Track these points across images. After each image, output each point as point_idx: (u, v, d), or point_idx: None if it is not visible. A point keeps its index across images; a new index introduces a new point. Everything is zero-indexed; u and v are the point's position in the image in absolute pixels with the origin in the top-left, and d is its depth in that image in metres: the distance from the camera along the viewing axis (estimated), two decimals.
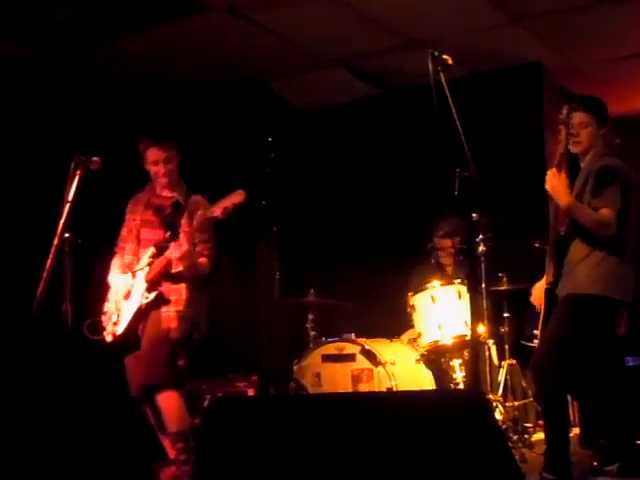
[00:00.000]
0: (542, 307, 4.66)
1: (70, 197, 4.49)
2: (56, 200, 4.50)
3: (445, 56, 3.99)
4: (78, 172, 4.52)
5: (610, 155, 4.61)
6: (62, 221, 4.46)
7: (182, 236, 4.93)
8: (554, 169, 4.49)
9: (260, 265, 7.62)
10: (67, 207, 4.47)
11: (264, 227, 6.68)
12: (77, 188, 4.51)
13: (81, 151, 4.63)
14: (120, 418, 5.03)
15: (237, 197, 4.91)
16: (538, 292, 4.81)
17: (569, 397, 5.42)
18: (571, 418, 5.83)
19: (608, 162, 4.53)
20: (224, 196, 4.93)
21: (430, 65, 3.94)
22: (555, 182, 4.45)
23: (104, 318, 5.09)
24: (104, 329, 5.06)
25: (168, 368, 4.88)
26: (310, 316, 6.32)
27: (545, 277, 4.65)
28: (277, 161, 6.59)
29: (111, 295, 5.16)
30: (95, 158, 4.60)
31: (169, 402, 4.83)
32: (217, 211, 4.89)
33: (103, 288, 5.22)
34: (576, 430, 5.66)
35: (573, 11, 6.48)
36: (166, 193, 5.26)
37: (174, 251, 4.90)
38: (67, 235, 4.48)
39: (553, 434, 4.45)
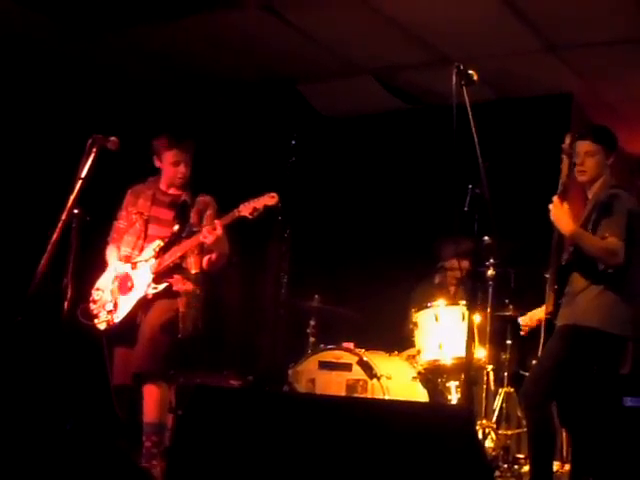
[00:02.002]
0: (541, 336, 4.61)
1: (83, 174, 4.50)
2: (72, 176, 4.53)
3: (471, 71, 3.96)
4: (94, 149, 4.53)
5: (617, 187, 4.56)
6: (72, 197, 4.47)
7: (216, 221, 4.91)
8: (557, 198, 4.44)
9: (270, 266, 7.61)
10: (79, 183, 4.49)
11: (278, 229, 6.67)
12: (91, 165, 4.51)
13: (101, 131, 4.64)
14: (104, 401, 4.99)
15: (270, 200, 4.92)
16: (530, 317, 4.77)
17: (564, 431, 5.39)
18: (564, 454, 5.79)
19: (615, 193, 4.48)
20: (255, 196, 4.93)
21: (454, 78, 3.91)
22: (558, 211, 4.41)
23: (94, 306, 5.04)
24: (95, 317, 5.01)
25: (165, 359, 4.86)
26: (312, 322, 6.28)
27: (545, 306, 4.60)
28: (297, 165, 6.58)
29: (104, 283, 5.11)
30: (113, 138, 4.61)
31: (156, 393, 4.79)
32: (245, 211, 4.89)
33: (98, 273, 5.19)
34: (567, 467, 5.61)
35: (609, 45, 6.46)
36: (173, 191, 5.24)
37: (208, 235, 4.88)
38: (76, 211, 4.49)
39: (537, 465, 4.41)
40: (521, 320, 4.97)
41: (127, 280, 5.03)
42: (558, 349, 4.42)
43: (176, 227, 5.08)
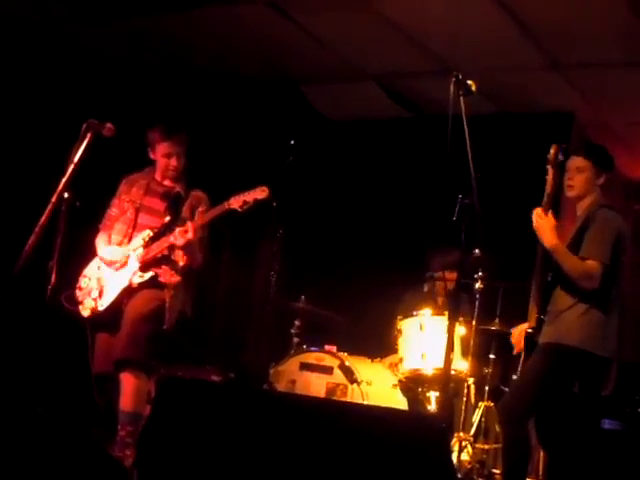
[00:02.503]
0: (522, 352, 4.60)
1: (76, 158, 4.47)
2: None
3: (470, 82, 3.95)
4: (89, 134, 4.50)
5: (607, 207, 4.54)
6: (64, 180, 4.45)
7: (189, 224, 4.90)
8: (540, 209, 4.43)
9: (260, 265, 7.61)
10: (71, 167, 4.46)
11: (271, 228, 6.66)
12: (85, 151, 4.49)
13: (98, 117, 4.62)
14: (83, 387, 4.98)
15: (260, 193, 4.91)
16: (518, 334, 4.76)
17: (541, 449, 5.38)
18: (540, 472, 5.77)
19: (604, 214, 4.46)
20: (245, 190, 4.91)
21: (452, 87, 3.90)
22: (541, 221, 4.40)
23: (79, 292, 5.04)
24: (80, 303, 5.00)
25: (147, 348, 4.84)
26: (297, 322, 6.26)
27: (528, 322, 4.58)
28: (295, 165, 6.57)
29: (91, 270, 5.11)
30: (109, 124, 4.58)
31: (134, 382, 4.76)
32: (235, 203, 4.88)
33: (86, 260, 5.18)
34: None
35: (615, 67, 6.45)
36: (167, 183, 5.24)
37: (179, 237, 4.88)
38: (66, 195, 4.46)
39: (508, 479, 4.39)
40: (512, 339, 4.94)
41: (115, 266, 5.03)
42: (540, 367, 4.40)
43: (167, 218, 5.07)
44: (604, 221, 4.43)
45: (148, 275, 4.96)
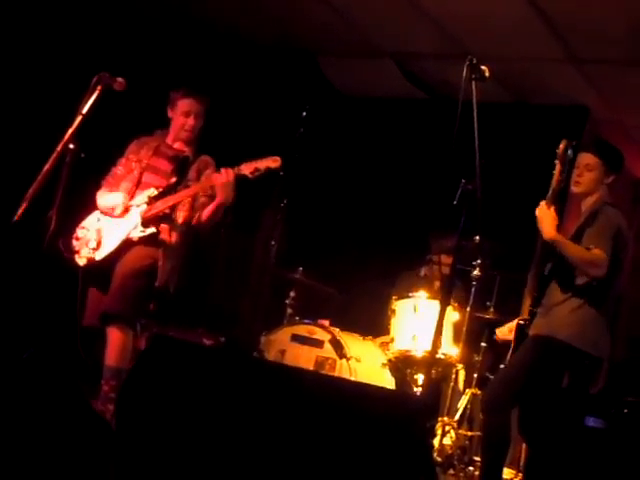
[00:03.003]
0: (512, 342, 4.60)
1: (85, 110, 4.46)
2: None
3: (483, 67, 3.92)
4: (99, 87, 4.49)
5: (611, 205, 4.52)
6: (70, 131, 4.44)
7: (229, 169, 4.89)
8: (545, 202, 4.42)
9: (261, 233, 7.61)
10: (79, 119, 4.45)
11: (275, 198, 6.66)
12: (94, 103, 4.48)
13: (111, 71, 4.60)
14: (71, 337, 5.00)
15: (273, 162, 4.90)
16: (509, 327, 4.77)
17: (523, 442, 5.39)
18: (521, 463, 5.79)
19: (607, 208, 4.45)
20: (257, 158, 4.91)
21: (465, 71, 3.87)
22: (543, 214, 4.39)
23: (76, 242, 5.03)
24: (77, 252, 5.00)
25: (136, 304, 4.84)
26: (292, 293, 6.28)
27: (521, 313, 4.58)
28: (305, 136, 6.55)
29: (90, 222, 5.10)
30: (120, 79, 4.57)
31: (120, 337, 4.77)
32: (246, 169, 4.88)
33: (85, 212, 5.18)
34: (520, 476, 5.63)
35: (635, 66, 6.40)
36: (178, 146, 5.23)
37: (219, 178, 4.88)
38: (72, 146, 4.45)
39: (486, 469, 4.41)
40: (498, 332, 4.96)
41: (115, 220, 5.04)
42: (527, 358, 4.41)
43: (173, 179, 5.08)
44: (606, 217, 4.43)
45: (149, 231, 4.96)
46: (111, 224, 5.07)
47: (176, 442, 2.97)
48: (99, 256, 4.97)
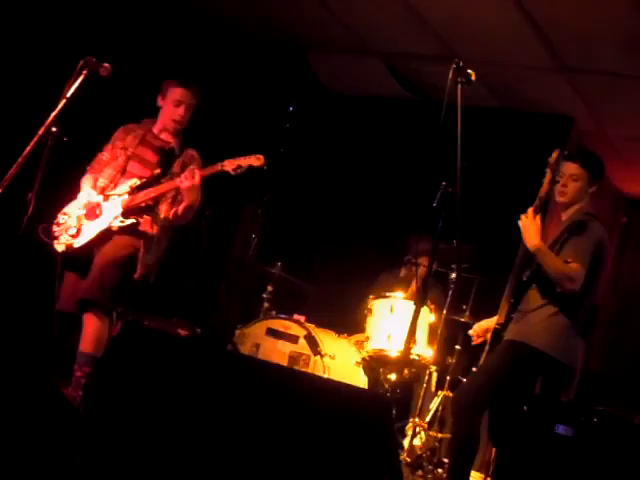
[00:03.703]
0: (486, 345, 4.62)
1: (69, 94, 4.46)
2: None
3: (470, 71, 3.93)
4: (84, 72, 4.49)
5: (592, 216, 4.54)
6: (53, 114, 4.43)
7: (197, 171, 4.90)
8: (532, 210, 4.43)
9: (243, 226, 7.62)
10: (63, 102, 4.45)
11: (258, 191, 6.67)
12: (79, 87, 4.47)
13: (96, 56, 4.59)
14: (44, 322, 4.99)
15: (256, 161, 4.90)
16: (480, 327, 4.78)
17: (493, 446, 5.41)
18: (491, 468, 5.81)
19: (589, 224, 4.47)
20: (241, 155, 4.91)
21: (451, 74, 3.88)
22: (528, 223, 4.39)
23: (57, 228, 5.01)
24: (56, 238, 4.98)
25: (113, 293, 4.82)
26: (269, 287, 6.27)
27: (497, 317, 4.60)
28: (290, 132, 6.56)
29: (72, 209, 5.08)
30: (106, 64, 4.57)
31: (96, 324, 4.76)
32: (229, 166, 4.88)
33: (68, 198, 5.15)
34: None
35: (621, 78, 6.43)
36: (164, 137, 5.22)
37: (185, 181, 4.88)
38: (54, 129, 4.45)
39: (453, 472, 4.42)
40: (471, 332, 4.98)
41: (96, 209, 5.01)
42: (500, 363, 4.43)
43: (157, 171, 5.07)
44: (588, 230, 4.43)
45: (129, 221, 4.95)
46: None
47: (142, 430, 2.97)
48: (78, 244, 4.95)
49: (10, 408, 3.17)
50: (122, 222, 4.95)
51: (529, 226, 4.38)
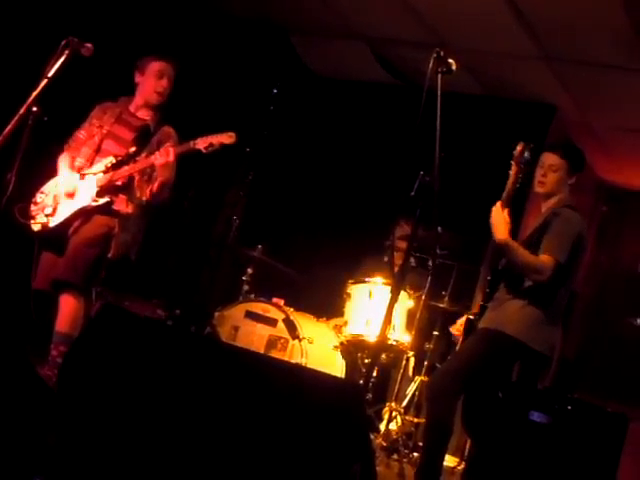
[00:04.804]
0: (461, 336, 4.65)
1: (50, 73, 4.44)
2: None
3: (451, 60, 3.93)
4: (66, 52, 4.47)
5: (571, 207, 4.57)
6: (34, 94, 4.41)
7: (171, 149, 4.90)
8: (500, 203, 4.45)
9: (225, 208, 7.61)
10: (44, 82, 4.43)
11: (241, 173, 6.66)
12: (60, 67, 4.45)
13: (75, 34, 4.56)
14: (21, 301, 4.99)
15: (227, 138, 4.89)
16: (460, 323, 4.82)
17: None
18: (465, 452, 5.87)
19: (567, 214, 4.49)
20: (213, 133, 4.90)
21: (431, 63, 3.88)
22: (496, 216, 4.41)
23: (34, 207, 5.01)
24: (32, 217, 4.98)
25: (88, 272, 4.82)
26: (250, 270, 6.28)
27: (472, 308, 4.63)
28: (274, 114, 6.54)
29: (49, 188, 5.07)
30: (88, 44, 4.55)
31: (72, 303, 4.77)
32: (201, 144, 4.88)
33: (46, 177, 5.14)
34: (463, 464, 5.71)
35: (604, 68, 6.45)
36: (141, 114, 5.20)
37: (159, 158, 4.88)
38: (35, 109, 4.43)
39: (427, 456, 4.46)
40: (452, 330, 5.00)
41: (72, 188, 5.00)
42: (474, 350, 4.46)
43: (133, 149, 5.06)
44: (567, 221, 4.46)
45: (102, 200, 4.95)
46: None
47: (116, 411, 2.99)
48: (53, 223, 4.96)
49: None
50: (95, 201, 4.95)
51: (498, 220, 4.39)
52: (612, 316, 8.67)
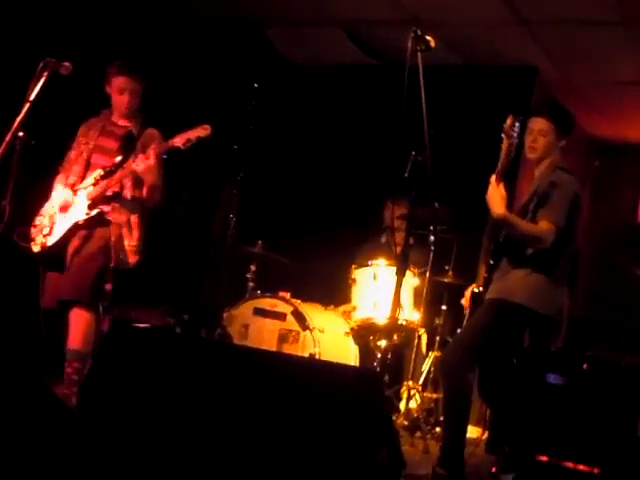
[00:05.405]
0: (468, 309, 4.67)
1: (32, 97, 4.45)
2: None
3: (428, 37, 3.93)
4: (45, 73, 4.48)
5: (565, 170, 4.57)
6: (19, 119, 4.42)
7: (150, 151, 4.92)
8: (494, 178, 4.45)
9: (220, 208, 7.60)
10: (27, 106, 4.44)
11: (231, 171, 6.65)
12: (41, 89, 4.46)
13: (53, 54, 4.57)
14: (29, 324, 5.02)
15: (203, 131, 4.92)
16: (469, 293, 4.84)
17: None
18: (486, 421, 5.89)
19: (562, 178, 4.50)
20: (189, 128, 4.92)
21: (410, 43, 3.88)
22: (492, 191, 4.40)
23: (34, 230, 5.08)
24: (32, 240, 5.04)
25: (92, 287, 4.86)
26: (252, 267, 6.29)
27: (476, 282, 4.65)
28: (258, 108, 6.53)
29: (46, 209, 5.15)
30: (66, 63, 4.56)
31: (81, 320, 4.82)
32: (179, 141, 4.90)
33: (43, 200, 5.18)
34: (486, 434, 5.73)
35: (582, 25, 6.43)
36: (122, 122, 5.26)
37: (140, 164, 4.91)
38: (21, 134, 4.45)
39: (449, 431, 4.48)
40: (462, 301, 5.02)
41: (66, 205, 5.08)
42: (482, 321, 4.48)
43: (118, 158, 5.08)
44: (562, 185, 4.45)
45: (94, 212, 5.00)
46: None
47: (139, 426, 3.01)
48: (51, 241, 5.04)
49: (4, 414, 3.19)
50: (87, 214, 5.01)
51: (493, 195, 4.38)
52: (616, 269, 8.69)
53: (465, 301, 4.87)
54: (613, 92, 7.65)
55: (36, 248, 5.03)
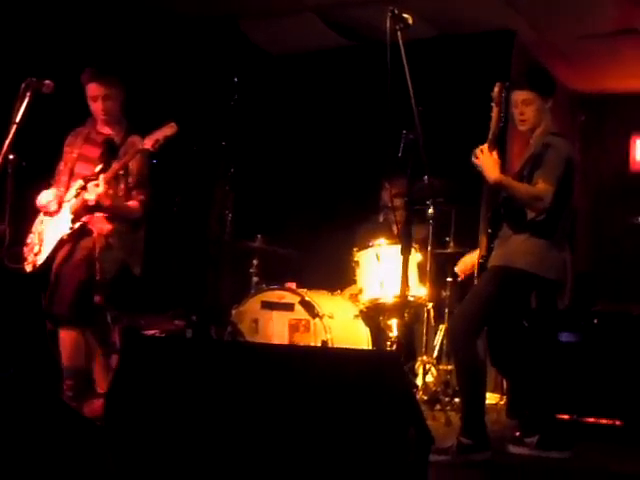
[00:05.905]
0: (475, 278, 4.68)
1: (18, 119, 4.47)
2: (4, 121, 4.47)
3: (406, 15, 3.94)
4: (28, 94, 4.49)
5: (557, 134, 4.60)
6: (7, 142, 4.44)
7: (101, 177, 4.87)
8: (486, 146, 4.47)
9: (215, 206, 7.60)
10: (14, 128, 4.46)
11: (222, 168, 6.65)
12: (26, 110, 4.48)
13: (33, 73, 4.57)
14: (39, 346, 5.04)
15: (168, 130, 4.90)
16: (464, 262, 4.86)
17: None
18: (504, 387, 5.93)
19: (555, 142, 4.52)
20: (156, 129, 4.91)
21: (388, 23, 3.88)
22: (485, 159, 4.42)
23: (26, 249, 5.05)
24: (25, 260, 5.01)
25: (74, 300, 4.81)
26: (255, 261, 6.30)
27: (478, 250, 4.66)
28: (241, 102, 6.52)
29: (35, 227, 5.11)
30: (47, 81, 4.58)
31: (68, 336, 4.86)
32: (148, 143, 4.87)
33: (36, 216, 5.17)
34: (504, 399, 5.77)
35: None
36: (106, 130, 5.20)
37: (90, 192, 4.87)
38: (11, 157, 4.47)
39: (467, 401, 4.50)
40: (456, 269, 5.05)
41: (53, 220, 5.04)
42: (485, 289, 4.50)
43: (98, 167, 5.03)
44: (555, 149, 4.48)
45: (77, 225, 4.96)
46: (50, 225, 5.07)
47: (166, 435, 3.02)
48: (40, 260, 5.01)
49: (31, 443, 3.21)
50: (71, 228, 4.96)
51: (487, 162, 4.41)
52: (613, 221, 8.73)
53: (459, 269, 4.91)
54: (591, 45, 7.64)
55: (28, 268, 5.00)
